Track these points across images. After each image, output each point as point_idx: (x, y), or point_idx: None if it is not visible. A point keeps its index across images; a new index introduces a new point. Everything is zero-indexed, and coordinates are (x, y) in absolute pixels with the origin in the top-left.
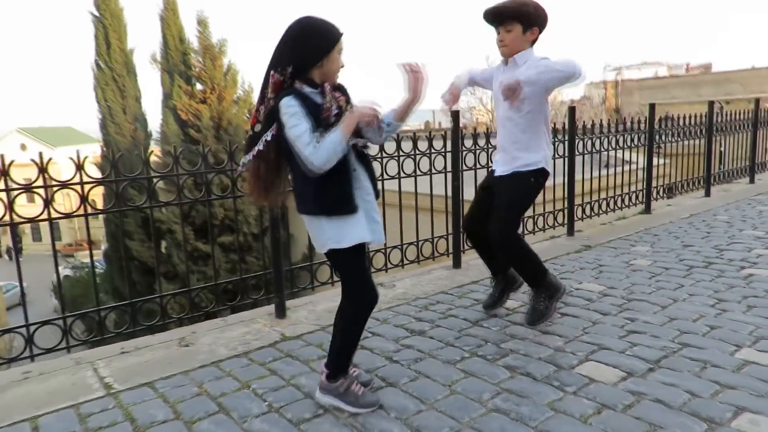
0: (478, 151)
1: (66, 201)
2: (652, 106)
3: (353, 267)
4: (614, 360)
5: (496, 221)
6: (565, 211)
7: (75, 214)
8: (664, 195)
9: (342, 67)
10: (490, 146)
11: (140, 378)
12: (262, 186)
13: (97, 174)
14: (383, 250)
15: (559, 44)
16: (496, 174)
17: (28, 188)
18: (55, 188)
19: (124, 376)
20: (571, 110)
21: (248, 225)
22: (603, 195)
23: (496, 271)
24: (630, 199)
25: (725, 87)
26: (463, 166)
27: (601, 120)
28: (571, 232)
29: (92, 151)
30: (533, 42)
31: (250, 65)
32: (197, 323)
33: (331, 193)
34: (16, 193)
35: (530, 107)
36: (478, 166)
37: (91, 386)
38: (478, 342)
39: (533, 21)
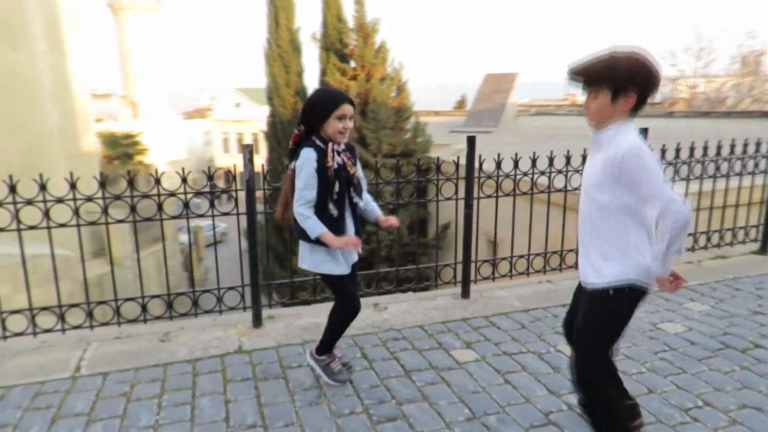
0: (500, 179)
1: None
2: None
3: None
4: None
5: (576, 354)
6: None
7: (98, 222)
8: None
9: (342, 130)
10: (518, 172)
11: (105, 366)
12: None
13: None
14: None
15: None
16: (582, 280)
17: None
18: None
19: (97, 361)
20: (644, 132)
21: (383, 198)
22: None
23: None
24: (734, 235)
25: None
26: (481, 193)
27: (694, 144)
28: None
29: None
30: (632, 111)
31: (402, 41)
32: (191, 318)
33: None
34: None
35: (611, 198)
36: (500, 193)
37: (68, 366)
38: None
39: (627, 84)
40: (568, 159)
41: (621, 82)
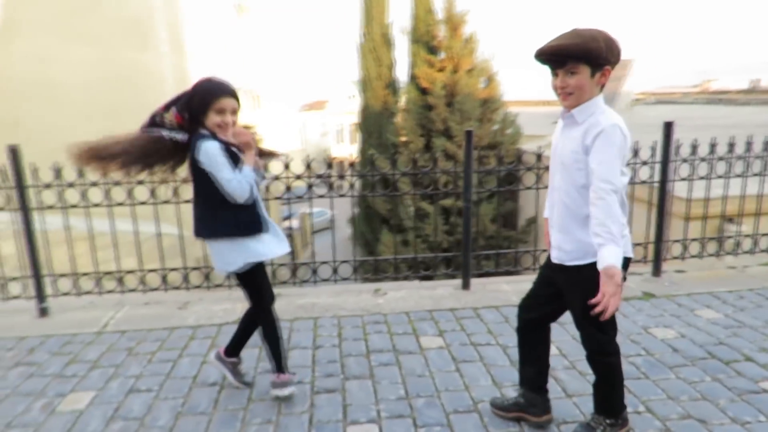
0: (502, 172)
1: None
2: None
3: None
4: None
5: (583, 334)
6: (652, 243)
7: None
8: None
9: (221, 124)
10: (522, 167)
11: (126, 326)
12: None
13: None
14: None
15: None
16: (557, 261)
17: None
18: None
19: (122, 321)
20: (667, 126)
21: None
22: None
23: (523, 382)
24: None
25: None
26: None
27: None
28: (657, 271)
29: None
30: (603, 86)
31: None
32: (208, 291)
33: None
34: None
35: (587, 180)
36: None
37: (99, 322)
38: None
39: (604, 60)
40: (635, 152)
41: (602, 56)
